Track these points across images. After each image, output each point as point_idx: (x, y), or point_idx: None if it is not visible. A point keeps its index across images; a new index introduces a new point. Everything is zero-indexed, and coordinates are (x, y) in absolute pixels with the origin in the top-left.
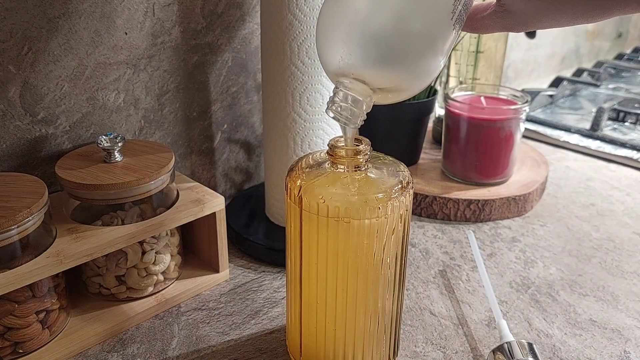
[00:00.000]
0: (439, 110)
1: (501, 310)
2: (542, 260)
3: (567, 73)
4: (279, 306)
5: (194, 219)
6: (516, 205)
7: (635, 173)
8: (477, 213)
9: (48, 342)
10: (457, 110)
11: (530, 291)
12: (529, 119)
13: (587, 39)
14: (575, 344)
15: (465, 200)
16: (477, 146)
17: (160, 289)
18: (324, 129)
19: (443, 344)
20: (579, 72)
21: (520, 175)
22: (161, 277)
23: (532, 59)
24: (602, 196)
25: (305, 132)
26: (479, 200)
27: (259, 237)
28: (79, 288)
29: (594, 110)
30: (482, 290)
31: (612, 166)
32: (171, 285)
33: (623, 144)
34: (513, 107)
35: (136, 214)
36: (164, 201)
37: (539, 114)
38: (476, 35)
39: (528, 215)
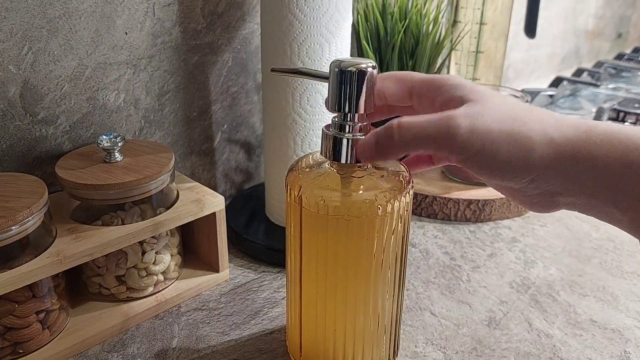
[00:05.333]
0: None
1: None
2: (542, 260)
3: (567, 73)
4: (279, 306)
5: (194, 219)
6: (516, 205)
7: None
8: (477, 213)
9: (48, 342)
10: None
11: (531, 291)
12: None
13: (587, 39)
14: (575, 344)
15: (465, 200)
16: None
17: (160, 289)
18: None
19: (443, 344)
20: (578, 72)
21: None
22: (161, 277)
23: (532, 59)
24: None
25: (306, 132)
26: (479, 200)
27: (259, 237)
28: (79, 288)
29: (594, 110)
30: (482, 291)
31: None
32: (171, 285)
33: None
34: None
35: (136, 214)
36: (164, 201)
37: None
38: (476, 35)
39: (528, 215)
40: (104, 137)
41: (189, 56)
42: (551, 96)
